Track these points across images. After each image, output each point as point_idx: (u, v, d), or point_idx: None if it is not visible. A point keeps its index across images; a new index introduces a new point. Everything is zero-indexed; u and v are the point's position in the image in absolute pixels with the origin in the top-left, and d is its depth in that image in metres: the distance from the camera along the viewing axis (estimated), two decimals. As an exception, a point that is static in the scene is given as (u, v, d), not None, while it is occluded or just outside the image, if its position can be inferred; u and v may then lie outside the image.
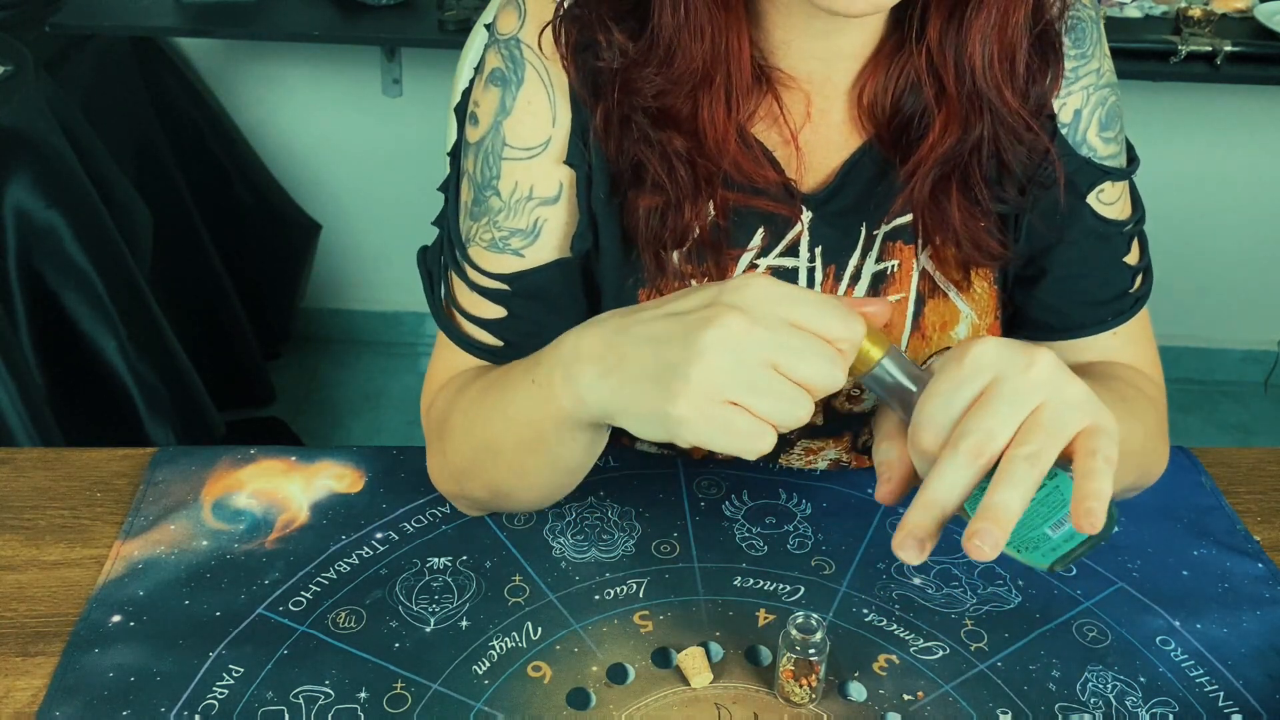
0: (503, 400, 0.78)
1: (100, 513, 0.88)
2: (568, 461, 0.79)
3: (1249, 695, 0.77)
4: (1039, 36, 0.81)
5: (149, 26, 2.03)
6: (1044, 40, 0.81)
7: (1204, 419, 2.61)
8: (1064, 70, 0.83)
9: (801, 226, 0.85)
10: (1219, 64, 1.97)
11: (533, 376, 0.74)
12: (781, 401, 0.62)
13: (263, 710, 0.73)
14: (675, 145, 0.80)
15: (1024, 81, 0.81)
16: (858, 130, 0.85)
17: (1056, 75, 0.83)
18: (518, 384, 0.76)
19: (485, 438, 0.80)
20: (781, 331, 0.62)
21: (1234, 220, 2.51)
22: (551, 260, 0.85)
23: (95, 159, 1.80)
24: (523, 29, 0.83)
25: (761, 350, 0.62)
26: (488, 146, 0.84)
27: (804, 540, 0.87)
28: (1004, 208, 0.84)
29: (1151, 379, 0.90)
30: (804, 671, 0.73)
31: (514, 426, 0.77)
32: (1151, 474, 0.89)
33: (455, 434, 0.83)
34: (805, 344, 0.62)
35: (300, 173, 2.48)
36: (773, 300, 0.63)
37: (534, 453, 0.78)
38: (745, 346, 0.62)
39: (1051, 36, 0.82)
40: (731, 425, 0.63)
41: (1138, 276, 0.90)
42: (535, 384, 0.74)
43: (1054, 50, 0.82)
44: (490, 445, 0.80)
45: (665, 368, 0.64)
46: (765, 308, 0.63)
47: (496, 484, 0.83)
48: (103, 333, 1.70)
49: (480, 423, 0.80)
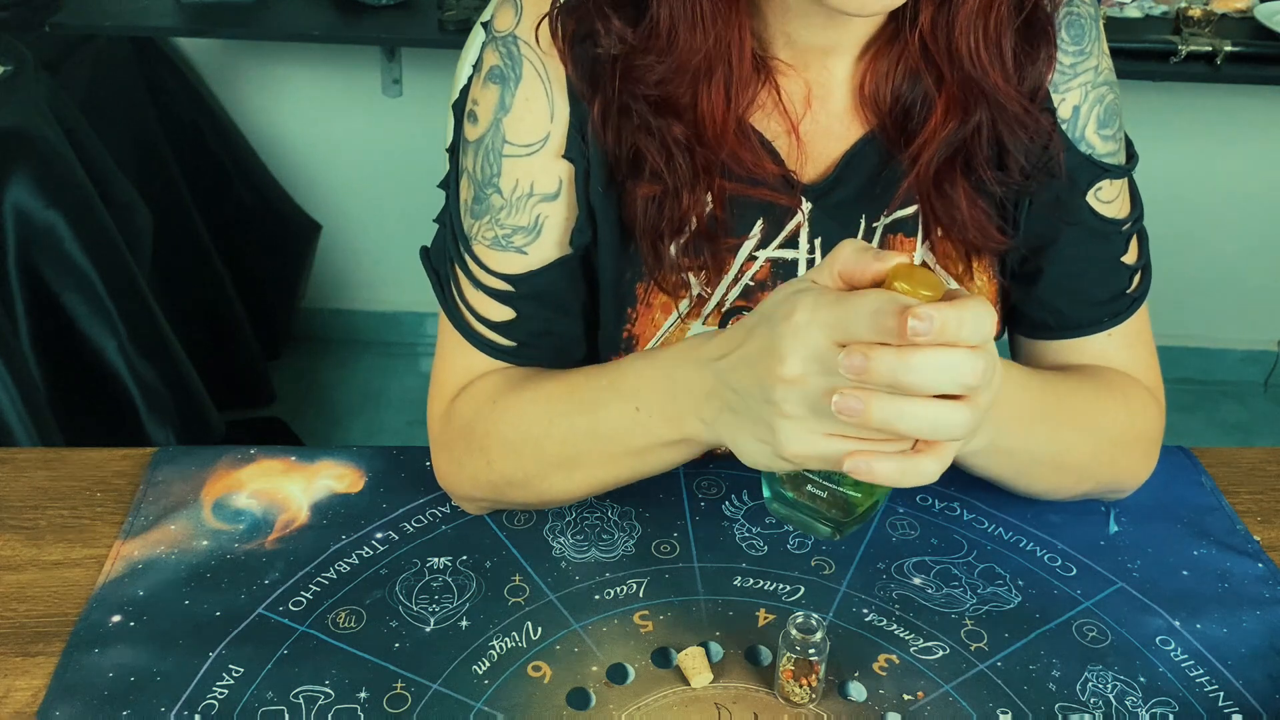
0: (592, 422, 0.79)
1: (100, 513, 0.88)
2: (663, 469, 0.82)
3: (1249, 695, 0.77)
4: (1027, 21, 0.81)
5: (149, 26, 2.03)
6: (1033, 24, 0.82)
7: (1204, 419, 2.61)
8: (1056, 55, 0.84)
9: (801, 217, 0.86)
10: (1219, 64, 1.97)
11: (635, 404, 0.76)
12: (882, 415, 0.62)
13: (263, 710, 0.73)
14: (674, 133, 0.80)
15: (1013, 65, 0.81)
16: (859, 121, 0.86)
17: (1050, 57, 0.83)
18: (611, 409, 0.78)
19: (562, 454, 0.81)
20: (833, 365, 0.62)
21: (1234, 220, 2.51)
22: (554, 260, 0.85)
23: (95, 159, 1.80)
24: (519, 25, 0.84)
25: (822, 386, 0.62)
26: (488, 144, 0.84)
27: (804, 540, 0.87)
28: (1007, 190, 0.85)
29: (1146, 382, 0.90)
30: (804, 671, 0.73)
31: (607, 446, 0.80)
32: (1119, 482, 0.89)
33: (509, 446, 0.83)
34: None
35: (300, 173, 2.48)
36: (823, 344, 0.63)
37: (626, 467, 0.81)
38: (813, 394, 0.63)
39: (1041, 20, 0.82)
40: (836, 452, 0.64)
41: (1135, 276, 0.90)
42: (640, 412, 0.76)
43: (1044, 34, 0.82)
44: (568, 460, 0.81)
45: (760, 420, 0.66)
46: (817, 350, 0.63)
47: (557, 492, 0.84)
48: (103, 333, 1.70)
49: (555, 440, 0.81)
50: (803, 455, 0.65)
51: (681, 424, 0.74)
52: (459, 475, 0.86)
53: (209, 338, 2.23)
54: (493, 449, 0.83)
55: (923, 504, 0.91)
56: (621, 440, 0.79)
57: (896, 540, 0.87)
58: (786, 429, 0.64)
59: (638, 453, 0.79)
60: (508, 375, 0.86)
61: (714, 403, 0.71)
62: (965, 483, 0.91)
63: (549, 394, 0.82)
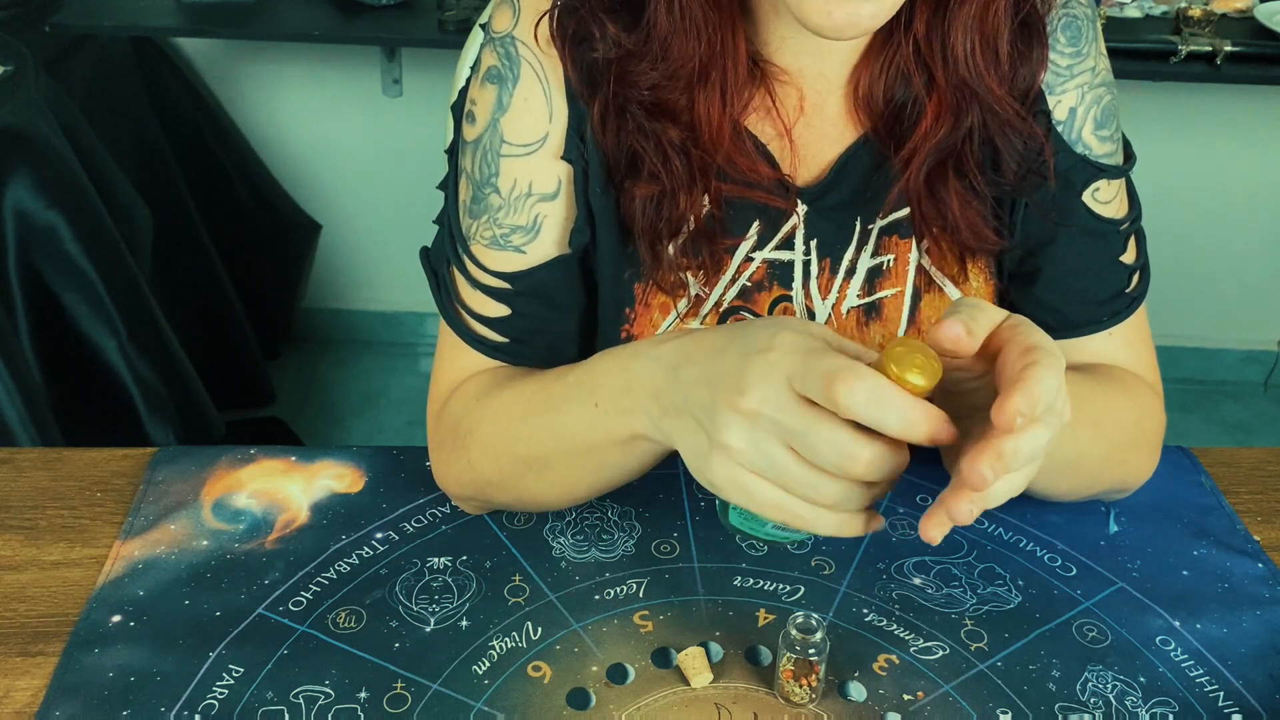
0: (556, 420, 0.78)
1: (100, 513, 0.88)
2: (627, 473, 0.80)
3: (1249, 695, 0.77)
4: (1022, 23, 0.81)
5: (149, 26, 2.03)
6: (1028, 27, 0.82)
7: (1204, 419, 2.61)
8: (1049, 55, 0.84)
9: (796, 219, 0.86)
10: (1219, 64, 1.97)
11: (595, 400, 0.74)
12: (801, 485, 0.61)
13: (263, 710, 0.73)
14: (670, 136, 0.80)
15: (1008, 69, 0.81)
16: (853, 124, 0.86)
17: (1042, 58, 0.83)
18: (574, 405, 0.76)
19: (530, 453, 0.80)
20: (797, 421, 0.60)
21: (1234, 220, 2.51)
22: (552, 258, 0.85)
23: (95, 159, 1.80)
24: (517, 26, 0.84)
25: (775, 434, 0.61)
26: (486, 144, 0.85)
27: (804, 540, 0.87)
28: (1000, 191, 0.85)
29: (1147, 381, 0.90)
30: (804, 671, 0.73)
31: (569, 444, 0.77)
32: (1127, 482, 0.89)
33: (486, 445, 0.82)
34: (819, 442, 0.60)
35: (300, 173, 2.48)
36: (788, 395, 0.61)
37: (589, 469, 0.79)
38: (759, 429, 0.61)
39: (1035, 23, 0.82)
40: (754, 494, 0.63)
41: (1134, 275, 0.90)
42: (598, 408, 0.74)
43: (1038, 35, 0.82)
44: (537, 460, 0.80)
45: (701, 432, 0.65)
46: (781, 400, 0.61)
47: (533, 494, 0.83)
48: (103, 333, 1.70)
49: (524, 439, 0.80)
50: (722, 486, 0.64)
51: (632, 419, 0.72)
52: (447, 474, 0.87)
53: (209, 338, 2.23)
54: (473, 448, 0.83)
55: (923, 504, 0.91)
56: (581, 437, 0.77)
57: (896, 540, 0.87)
58: (718, 457, 0.63)
59: (594, 450, 0.77)
60: (494, 374, 0.86)
61: (662, 402, 0.69)
62: (965, 483, 0.91)
63: (525, 392, 0.81)
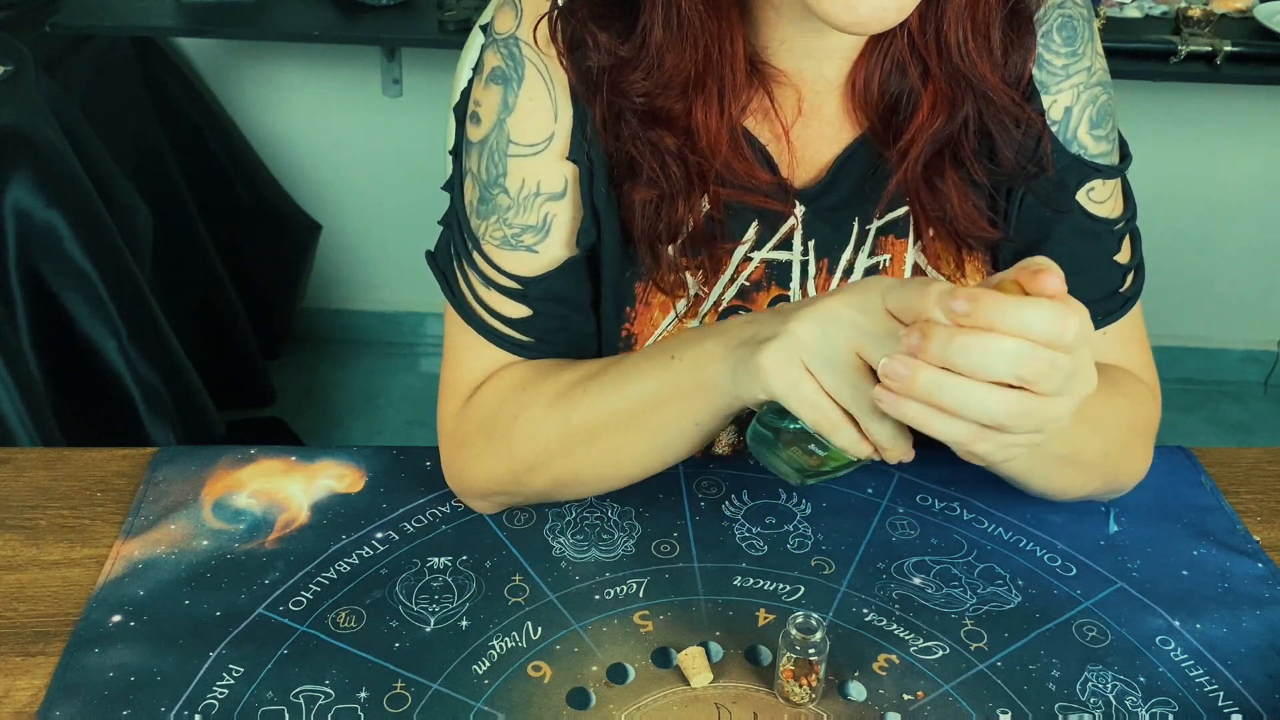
0: (624, 382, 0.80)
1: (100, 513, 0.88)
2: (680, 438, 0.81)
3: (1249, 695, 0.77)
4: (1011, 11, 0.82)
5: (149, 26, 2.03)
6: (1017, 15, 0.83)
7: (1204, 419, 2.61)
8: (1037, 44, 0.85)
9: (795, 221, 0.86)
10: (1219, 64, 1.97)
11: (672, 354, 0.79)
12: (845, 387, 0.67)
13: (263, 710, 0.73)
14: (667, 143, 0.81)
15: (1000, 56, 0.82)
16: (851, 123, 0.86)
17: (1031, 46, 0.84)
18: (648, 364, 0.80)
19: (586, 421, 0.81)
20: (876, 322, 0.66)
21: (1234, 220, 2.51)
22: (564, 261, 0.86)
23: (95, 159, 1.80)
24: (520, 27, 0.84)
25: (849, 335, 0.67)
26: (492, 144, 0.85)
27: (804, 540, 0.87)
28: (998, 180, 0.85)
29: (1143, 380, 0.90)
30: (804, 671, 0.73)
31: (632, 403, 0.80)
32: (1121, 479, 0.89)
33: (536, 425, 0.82)
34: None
35: (300, 173, 2.48)
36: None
37: (644, 433, 0.81)
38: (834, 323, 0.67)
39: (1024, 10, 0.83)
40: (797, 386, 0.68)
41: (1129, 275, 0.90)
42: (674, 360, 0.78)
43: (1027, 23, 0.84)
44: (592, 430, 0.81)
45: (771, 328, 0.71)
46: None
47: (575, 471, 0.84)
48: (103, 333, 1.70)
49: (583, 408, 0.81)
50: (768, 368, 0.69)
51: (705, 367, 0.76)
52: (475, 469, 0.86)
53: (209, 338, 2.23)
54: (515, 434, 0.83)
55: (923, 504, 0.91)
56: (648, 395, 0.79)
57: (896, 540, 0.87)
58: (780, 342, 0.69)
59: (657, 407, 0.79)
60: (535, 364, 0.86)
61: (743, 334, 0.74)
62: (965, 483, 0.91)
63: (587, 368, 0.83)
